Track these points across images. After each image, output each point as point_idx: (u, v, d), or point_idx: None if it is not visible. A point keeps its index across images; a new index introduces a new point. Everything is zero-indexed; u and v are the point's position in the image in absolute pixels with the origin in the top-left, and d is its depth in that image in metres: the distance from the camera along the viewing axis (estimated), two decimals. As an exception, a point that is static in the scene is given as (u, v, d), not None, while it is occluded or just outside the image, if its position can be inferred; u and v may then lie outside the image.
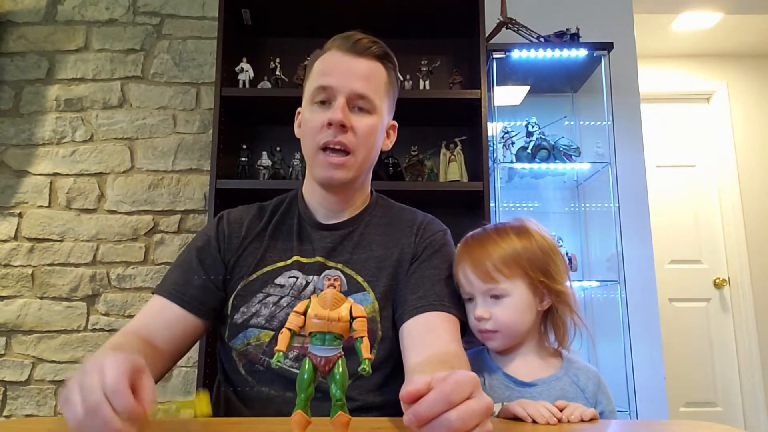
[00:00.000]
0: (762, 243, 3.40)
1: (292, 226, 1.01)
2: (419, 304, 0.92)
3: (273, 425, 0.75)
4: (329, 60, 0.96)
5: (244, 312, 0.94)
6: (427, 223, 1.04)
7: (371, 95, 0.95)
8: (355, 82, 0.93)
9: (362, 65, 0.95)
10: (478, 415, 0.51)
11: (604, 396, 0.94)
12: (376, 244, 1.00)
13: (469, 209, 2.17)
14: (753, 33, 3.36)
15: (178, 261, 1.01)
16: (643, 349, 2.22)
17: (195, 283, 0.96)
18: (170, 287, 0.95)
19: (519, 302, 0.93)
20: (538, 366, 0.96)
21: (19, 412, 2.14)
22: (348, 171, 0.95)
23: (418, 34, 2.33)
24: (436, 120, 2.26)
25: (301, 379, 0.57)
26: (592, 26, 2.30)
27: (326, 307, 0.57)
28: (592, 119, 2.37)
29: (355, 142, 0.93)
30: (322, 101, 0.94)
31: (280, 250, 0.99)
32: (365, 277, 0.96)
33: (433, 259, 0.98)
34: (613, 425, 0.81)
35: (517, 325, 0.94)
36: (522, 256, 0.93)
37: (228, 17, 2.11)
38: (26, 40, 2.39)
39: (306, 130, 0.97)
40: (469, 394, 0.52)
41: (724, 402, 3.31)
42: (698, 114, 3.63)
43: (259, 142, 2.23)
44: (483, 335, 0.95)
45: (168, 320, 0.93)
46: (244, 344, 0.93)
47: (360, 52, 0.95)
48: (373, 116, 0.96)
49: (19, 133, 2.32)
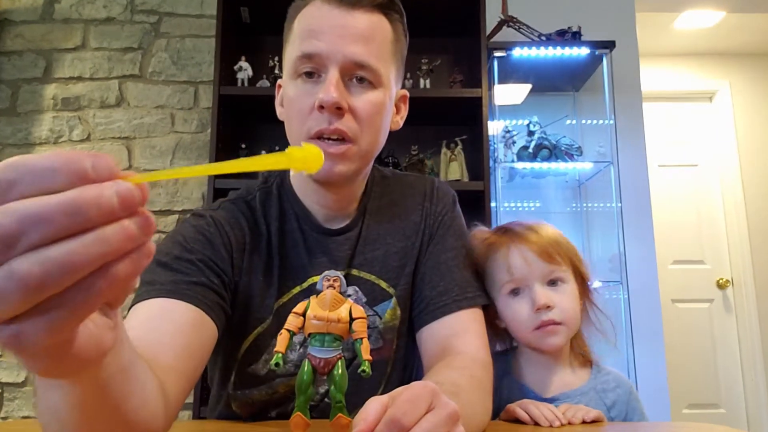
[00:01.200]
0: (765, 243, 3.38)
1: (295, 233, 0.82)
2: (441, 302, 0.79)
3: (272, 427, 0.74)
4: (314, 15, 0.73)
5: (267, 360, 0.77)
6: (435, 193, 0.89)
7: (374, 62, 0.73)
8: (351, 45, 0.71)
9: (360, 21, 0.73)
10: (439, 427, 0.45)
11: (635, 412, 0.85)
12: (390, 236, 0.84)
13: (470, 209, 2.14)
14: (756, 31, 3.35)
15: (167, 262, 0.71)
16: (646, 350, 2.21)
17: (204, 283, 0.71)
18: (169, 287, 0.68)
19: (574, 292, 0.85)
20: (566, 377, 0.87)
21: (16, 413, 2.14)
22: (350, 163, 0.75)
23: (418, 33, 2.29)
24: (437, 119, 2.24)
25: (300, 380, 0.56)
26: (593, 25, 2.29)
27: (326, 308, 0.57)
28: (593, 118, 2.36)
29: (357, 127, 0.73)
30: (309, 73, 0.73)
31: (292, 271, 0.80)
32: (388, 281, 0.82)
33: (447, 238, 0.85)
34: (617, 428, 0.79)
35: (577, 318, 0.85)
36: (569, 246, 0.88)
37: (226, 15, 2.10)
38: (23, 38, 2.38)
39: (291, 113, 0.75)
40: (427, 408, 0.45)
41: (727, 404, 3.30)
42: (701, 113, 3.61)
43: (257, 141, 2.22)
44: (545, 330, 0.82)
45: (178, 324, 0.65)
46: (269, 394, 0.79)
47: (355, 1, 0.72)
48: (377, 90, 0.74)
49: (16, 132, 2.31)
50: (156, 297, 0.67)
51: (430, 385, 0.47)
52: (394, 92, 0.80)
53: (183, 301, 0.67)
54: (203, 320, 0.68)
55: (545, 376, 0.87)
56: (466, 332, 0.78)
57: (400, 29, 0.79)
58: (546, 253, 0.83)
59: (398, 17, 0.79)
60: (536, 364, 0.89)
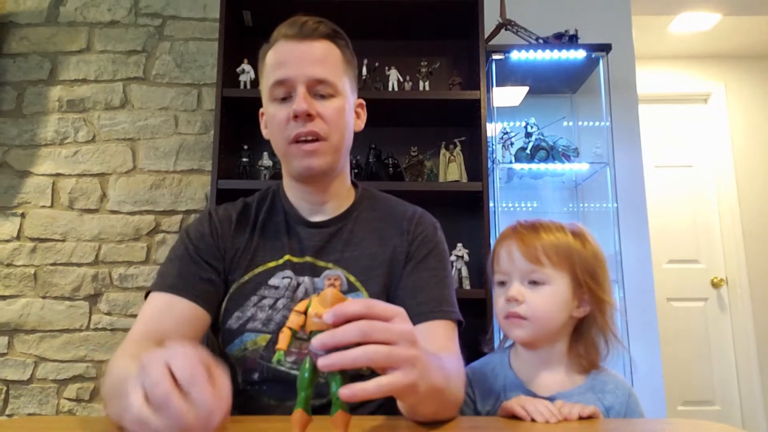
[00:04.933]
0: (759, 243, 3.41)
1: (280, 224, 0.98)
2: (418, 310, 0.88)
3: (273, 423, 0.75)
4: (279, 51, 0.91)
5: (239, 317, 0.91)
6: (418, 218, 1.00)
7: (330, 78, 0.90)
8: (311, 67, 0.89)
9: (314, 48, 0.91)
10: (389, 332, 0.54)
11: (634, 415, 0.87)
12: (366, 241, 0.96)
13: (469, 209, 2.18)
14: (750, 34, 3.37)
15: (174, 257, 0.94)
16: (642, 348, 2.24)
17: (201, 276, 0.90)
18: (173, 282, 0.89)
19: (557, 295, 0.87)
20: (564, 379, 0.89)
21: (22, 410, 2.16)
22: (324, 156, 0.91)
23: (418, 36, 2.35)
24: (436, 121, 2.27)
25: (301, 377, 0.57)
26: (590, 28, 2.32)
27: (326, 307, 0.56)
28: (590, 120, 2.38)
29: (326, 128, 0.90)
30: (283, 97, 0.91)
31: (271, 249, 0.95)
32: (358, 276, 0.93)
33: (428, 260, 0.95)
34: (612, 424, 0.80)
35: (548, 319, 0.87)
36: (574, 252, 0.89)
37: (229, 19, 2.12)
38: (29, 41, 2.40)
39: (273, 128, 0.93)
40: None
41: (721, 401, 3.33)
42: (696, 115, 3.64)
43: (259, 143, 2.22)
44: (509, 321, 0.89)
45: (179, 317, 0.86)
46: (241, 350, 0.90)
47: (308, 35, 0.91)
48: (337, 98, 0.92)
49: (22, 133, 2.33)
50: (163, 291, 0.88)
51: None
52: (351, 100, 0.97)
53: (185, 299, 0.87)
54: (198, 314, 0.88)
55: (534, 373, 0.90)
56: (436, 335, 0.86)
57: (348, 52, 0.97)
58: (531, 254, 0.88)
59: (344, 43, 0.96)
60: (527, 360, 0.92)
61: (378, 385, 0.53)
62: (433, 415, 0.71)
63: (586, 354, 0.90)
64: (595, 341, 0.90)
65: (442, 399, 0.68)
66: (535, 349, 0.91)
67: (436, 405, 0.68)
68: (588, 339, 0.90)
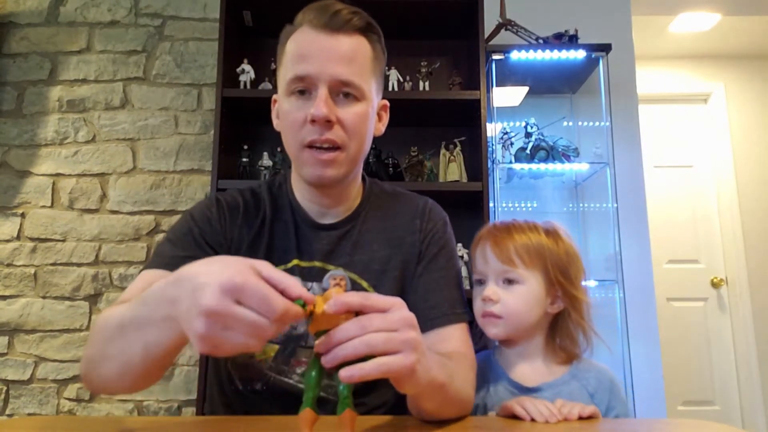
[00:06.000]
0: (759, 242, 3.41)
1: (288, 223, 0.92)
2: (432, 315, 0.86)
3: (281, 422, 0.75)
4: (303, 40, 0.82)
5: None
6: (428, 213, 0.96)
7: (357, 80, 0.82)
8: (337, 66, 0.80)
9: (343, 44, 0.81)
10: (389, 321, 0.55)
11: (618, 400, 0.90)
12: (376, 243, 0.92)
13: (469, 209, 2.18)
14: (750, 34, 3.37)
15: (174, 238, 0.87)
16: (641, 348, 2.24)
17: (200, 257, 0.83)
18: (168, 260, 0.81)
19: (530, 293, 0.91)
20: (544, 371, 0.92)
21: (22, 410, 2.16)
22: (339, 167, 0.84)
23: (417, 36, 2.35)
24: (436, 121, 2.27)
25: (308, 377, 0.58)
26: (590, 28, 2.32)
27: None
28: (590, 120, 2.38)
29: (345, 136, 0.82)
30: (301, 91, 0.82)
31: (280, 251, 0.90)
32: (369, 281, 0.89)
33: (438, 259, 0.92)
34: (612, 424, 0.80)
35: (523, 317, 0.91)
36: (546, 251, 0.91)
37: (229, 19, 2.12)
38: (29, 41, 2.40)
39: (286, 125, 0.85)
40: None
41: (721, 401, 3.33)
42: (696, 115, 3.65)
43: (260, 143, 2.24)
44: (485, 320, 0.92)
45: None
46: (247, 357, 0.86)
47: (338, 27, 0.81)
48: (361, 103, 0.84)
49: (22, 133, 2.33)
50: (156, 268, 0.81)
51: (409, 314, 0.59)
52: (375, 103, 0.90)
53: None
54: None
55: (516, 366, 0.93)
56: (454, 342, 0.85)
57: (379, 48, 0.89)
58: (504, 255, 0.91)
59: (376, 38, 0.88)
60: (508, 354, 0.95)
61: (377, 364, 0.54)
62: (438, 412, 0.71)
63: (564, 346, 0.94)
64: (572, 334, 0.93)
65: (444, 395, 0.68)
66: (513, 345, 0.95)
67: (438, 401, 0.68)
68: (564, 332, 0.94)
